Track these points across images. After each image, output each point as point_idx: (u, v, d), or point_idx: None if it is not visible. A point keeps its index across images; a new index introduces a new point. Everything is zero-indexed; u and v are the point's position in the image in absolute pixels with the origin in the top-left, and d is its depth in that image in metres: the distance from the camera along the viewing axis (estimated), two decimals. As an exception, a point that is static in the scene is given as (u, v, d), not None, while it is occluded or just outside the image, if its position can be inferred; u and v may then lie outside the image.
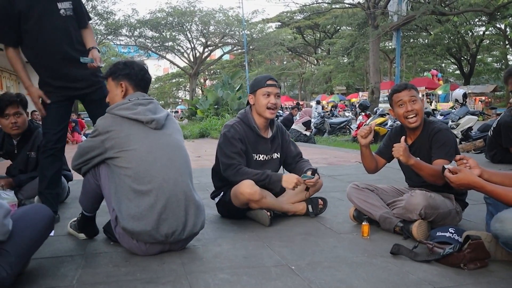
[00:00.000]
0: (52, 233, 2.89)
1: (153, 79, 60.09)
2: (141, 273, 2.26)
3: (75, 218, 2.95)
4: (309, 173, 3.17)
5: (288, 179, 3.07)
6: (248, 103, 3.33)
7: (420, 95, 2.99)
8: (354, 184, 3.13)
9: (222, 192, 3.28)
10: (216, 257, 2.49)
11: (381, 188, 3.14)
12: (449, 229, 2.52)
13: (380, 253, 2.50)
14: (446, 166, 2.35)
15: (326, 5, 25.91)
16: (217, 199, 3.34)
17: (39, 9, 3.13)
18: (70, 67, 3.23)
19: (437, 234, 2.54)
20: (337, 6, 24.92)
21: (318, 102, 23.68)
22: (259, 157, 3.28)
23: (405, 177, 3.22)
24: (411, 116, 2.91)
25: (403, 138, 2.76)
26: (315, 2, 26.27)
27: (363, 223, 2.83)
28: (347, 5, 23.67)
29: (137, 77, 2.66)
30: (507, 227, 2.16)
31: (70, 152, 2.67)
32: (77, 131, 14.06)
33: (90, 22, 3.56)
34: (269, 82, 3.21)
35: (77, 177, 3.11)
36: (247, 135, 3.22)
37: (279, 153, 3.40)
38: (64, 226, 3.07)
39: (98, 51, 3.33)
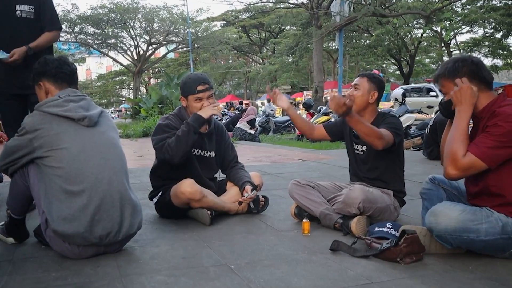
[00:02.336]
0: (-23, 238, 2.72)
1: (95, 77, 58.75)
2: (73, 278, 2.15)
3: (3, 222, 2.77)
4: (248, 187, 3.17)
5: (204, 109, 3.06)
6: None
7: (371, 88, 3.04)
8: (295, 181, 3.13)
9: (161, 192, 3.19)
10: (154, 258, 2.41)
11: (322, 184, 3.16)
12: (387, 224, 2.57)
13: (320, 249, 2.50)
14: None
15: (270, 4, 26.09)
16: (155, 200, 3.24)
17: None
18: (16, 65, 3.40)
19: (375, 229, 2.57)
20: (281, 6, 25.13)
21: (269, 101, 23.76)
22: (197, 152, 3.21)
23: (350, 168, 3.25)
24: (348, 100, 2.95)
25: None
26: (260, 2, 26.39)
27: (304, 220, 2.83)
28: (291, 5, 23.93)
29: (52, 72, 2.51)
30: (440, 221, 2.23)
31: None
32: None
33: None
34: (199, 88, 3.10)
35: (8, 178, 2.94)
36: None
37: (214, 152, 3.32)
38: (-9, 230, 2.88)
39: (29, 50, 3.41)
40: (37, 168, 2.37)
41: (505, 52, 30.82)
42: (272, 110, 18.52)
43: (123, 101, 57.66)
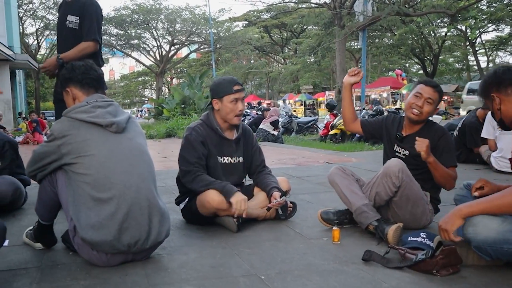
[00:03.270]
0: (6, 243, 2.72)
1: (118, 78, 59.53)
2: (101, 286, 2.12)
3: (31, 227, 2.77)
4: (276, 193, 3.09)
5: (238, 197, 2.90)
6: (210, 104, 3.19)
7: (432, 100, 2.94)
8: (340, 167, 3.05)
9: (188, 198, 3.15)
10: (182, 267, 2.37)
11: (363, 180, 3.07)
12: (421, 234, 2.47)
13: (351, 259, 2.43)
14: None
15: (292, 4, 25.99)
16: (182, 205, 3.20)
17: (59, 19, 3.81)
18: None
19: (409, 239, 2.48)
20: (304, 5, 25.00)
21: (284, 101, 23.74)
22: (224, 159, 3.16)
23: None
24: (415, 111, 2.93)
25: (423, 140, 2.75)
26: (282, 2, 26.30)
27: (334, 228, 2.76)
28: (313, 5, 23.78)
29: (79, 77, 2.49)
30: (479, 231, 2.13)
31: (29, 154, 2.49)
32: (38, 131, 13.62)
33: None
34: (236, 87, 3.06)
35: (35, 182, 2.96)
36: (210, 138, 3.11)
37: (243, 157, 3.27)
38: (20, 235, 2.88)
39: (63, 62, 3.53)
40: (65, 174, 2.35)
41: (532, 51, 30.15)
42: (292, 111, 18.42)
43: (146, 101, 58.19)
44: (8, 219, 3.42)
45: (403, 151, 3.03)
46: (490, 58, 37.20)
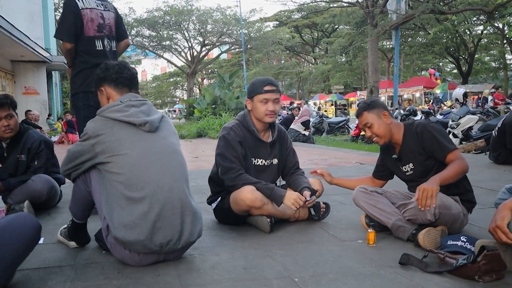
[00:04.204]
0: (41, 241, 2.75)
1: (150, 78, 60.29)
2: (134, 286, 2.11)
3: (66, 225, 2.80)
4: (306, 193, 3.02)
5: (290, 196, 2.91)
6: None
7: (379, 112, 2.89)
8: (361, 187, 2.96)
9: (220, 198, 3.13)
10: (214, 268, 2.34)
11: (389, 191, 2.98)
12: (461, 238, 2.38)
13: (387, 263, 2.35)
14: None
15: (324, 4, 25.75)
16: (214, 205, 3.18)
17: None
18: None
19: (448, 242, 2.40)
20: (335, 5, 24.75)
21: (307, 103, 23.72)
22: (257, 161, 3.13)
23: (409, 189, 3.05)
24: (375, 139, 2.90)
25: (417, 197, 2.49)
26: (313, 1, 26.10)
27: (369, 230, 2.68)
28: (345, 4, 23.51)
29: (113, 77, 2.49)
30: None
31: (64, 153, 2.51)
32: (71, 131, 13.85)
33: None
34: (266, 88, 3.02)
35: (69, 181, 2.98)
36: (246, 139, 3.08)
37: (277, 159, 3.23)
38: (54, 233, 2.91)
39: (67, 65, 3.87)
40: (99, 173, 2.36)
41: None
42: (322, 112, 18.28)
43: (177, 102, 58.83)
44: (43, 217, 3.47)
45: (409, 167, 2.90)
46: (529, 56, 36.06)
